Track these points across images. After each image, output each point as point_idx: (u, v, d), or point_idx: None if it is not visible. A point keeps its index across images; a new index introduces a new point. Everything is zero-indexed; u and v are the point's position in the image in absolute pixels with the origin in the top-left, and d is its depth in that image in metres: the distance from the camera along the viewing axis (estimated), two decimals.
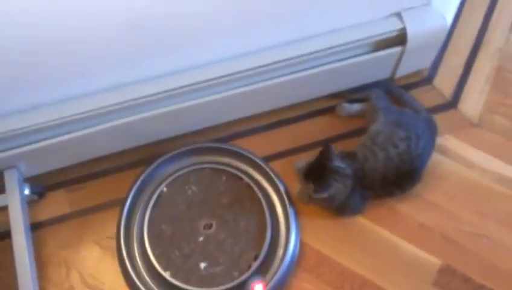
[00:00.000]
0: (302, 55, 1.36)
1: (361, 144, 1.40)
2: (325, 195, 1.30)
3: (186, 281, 1.30)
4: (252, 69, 1.34)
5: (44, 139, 1.29)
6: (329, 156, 1.30)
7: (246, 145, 1.49)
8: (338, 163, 1.31)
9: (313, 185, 1.30)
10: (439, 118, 1.50)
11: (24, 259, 1.24)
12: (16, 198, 1.30)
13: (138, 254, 1.34)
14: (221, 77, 1.33)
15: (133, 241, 1.35)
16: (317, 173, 1.30)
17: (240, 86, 1.38)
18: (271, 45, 1.35)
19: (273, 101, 1.50)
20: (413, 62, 1.54)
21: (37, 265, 1.31)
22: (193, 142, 1.47)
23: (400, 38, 1.41)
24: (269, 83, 1.39)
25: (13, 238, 1.26)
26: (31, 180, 1.38)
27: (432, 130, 1.44)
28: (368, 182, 1.35)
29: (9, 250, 1.26)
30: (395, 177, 1.35)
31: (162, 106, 1.34)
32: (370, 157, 1.35)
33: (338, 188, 1.31)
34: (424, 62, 1.60)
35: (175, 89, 1.32)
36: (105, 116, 1.30)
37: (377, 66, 1.49)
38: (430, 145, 1.41)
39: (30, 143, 1.29)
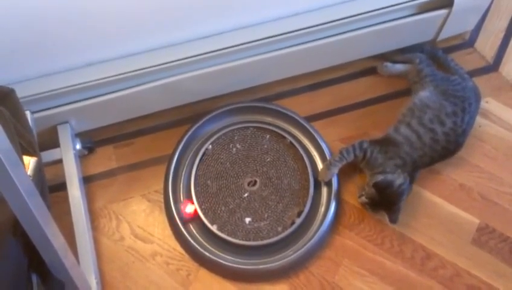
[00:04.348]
0: (347, 17, 1.37)
1: (406, 123, 1.37)
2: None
3: (232, 234, 1.35)
4: (297, 30, 1.36)
5: (96, 96, 1.33)
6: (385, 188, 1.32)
7: (289, 105, 1.52)
8: (395, 179, 1.32)
9: (387, 214, 1.34)
10: (480, 81, 1.51)
11: (79, 210, 1.29)
12: (69, 151, 1.34)
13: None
14: (266, 38, 1.35)
15: (180, 196, 1.40)
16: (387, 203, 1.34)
17: (284, 47, 1.39)
18: (315, 7, 1.37)
19: (316, 62, 1.51)
20: (458, 25, 1.54)
21: (89, 217, 1.36)
22: (238, 102, 1.50)
23: (446, 1, 1.41)
24: (313, 44, 1.40)
25: (68, 190, 1.31)
26: (81, 136, 1.42)
27: (478, 101, 1.44)
28: (416, 166, 1.37)
29: (63, 201, 1.31)
30: (440, 157, 1.38)
31: (208, 65, 1.36)
32: (416, 143, 1.35)
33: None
34: (468, 25, 1.60)
35: (221, 49, 1.34)
36: (153, 75, 1.34)
37: (421, 28, 1.49)
38: (473, 117, 1.42)
39: (82, 100, 1.33)
